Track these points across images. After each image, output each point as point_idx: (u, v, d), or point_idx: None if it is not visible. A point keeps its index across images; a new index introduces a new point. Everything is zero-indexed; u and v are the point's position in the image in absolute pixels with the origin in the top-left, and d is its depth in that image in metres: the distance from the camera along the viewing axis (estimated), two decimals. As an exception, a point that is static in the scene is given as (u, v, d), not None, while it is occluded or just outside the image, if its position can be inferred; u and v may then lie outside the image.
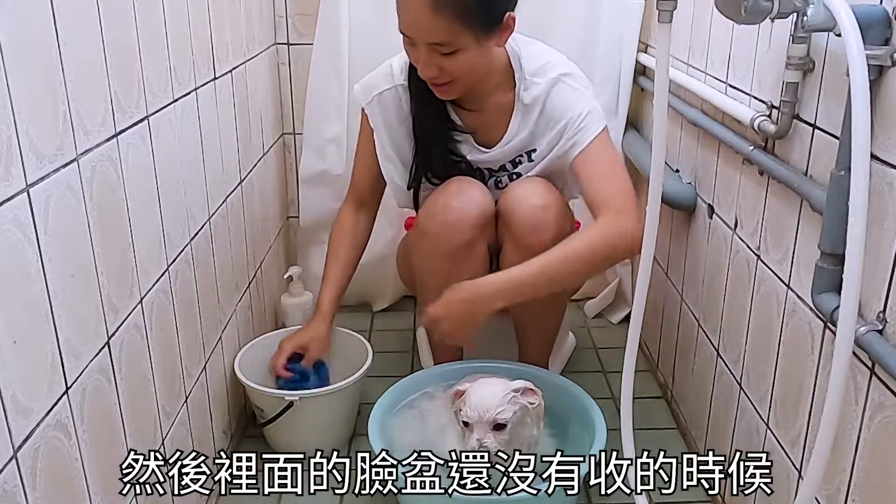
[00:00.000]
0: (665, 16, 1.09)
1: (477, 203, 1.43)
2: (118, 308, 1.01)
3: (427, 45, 1.30)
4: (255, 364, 1.59)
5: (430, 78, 1.36)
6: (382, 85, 1.50)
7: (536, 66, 1.45)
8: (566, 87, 1.43)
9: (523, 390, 1.29)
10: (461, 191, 1.44)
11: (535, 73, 1.44)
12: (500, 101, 1.47)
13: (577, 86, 1.44)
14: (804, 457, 1.10)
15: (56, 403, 0.85)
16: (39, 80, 0.82)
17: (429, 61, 1.32)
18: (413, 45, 1.33)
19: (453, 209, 1.42)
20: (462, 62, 1.33)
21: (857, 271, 0.83)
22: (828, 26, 0.93)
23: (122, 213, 1.02)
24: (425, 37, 1.30)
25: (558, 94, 1.43)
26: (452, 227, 1.41)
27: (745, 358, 1.31)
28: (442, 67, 1.33)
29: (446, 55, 1.31)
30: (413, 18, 1.29)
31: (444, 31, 1.28)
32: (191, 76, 1.30)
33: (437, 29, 1.27)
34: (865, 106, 0.81)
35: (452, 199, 1.43)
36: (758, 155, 1.23)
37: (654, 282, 1.32)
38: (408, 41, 1.34)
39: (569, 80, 1.44)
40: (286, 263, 2.14)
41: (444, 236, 1.42)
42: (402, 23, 1.32)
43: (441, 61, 1.32)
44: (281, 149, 2.09)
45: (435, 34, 1.28)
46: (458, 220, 1.41)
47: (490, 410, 1.25)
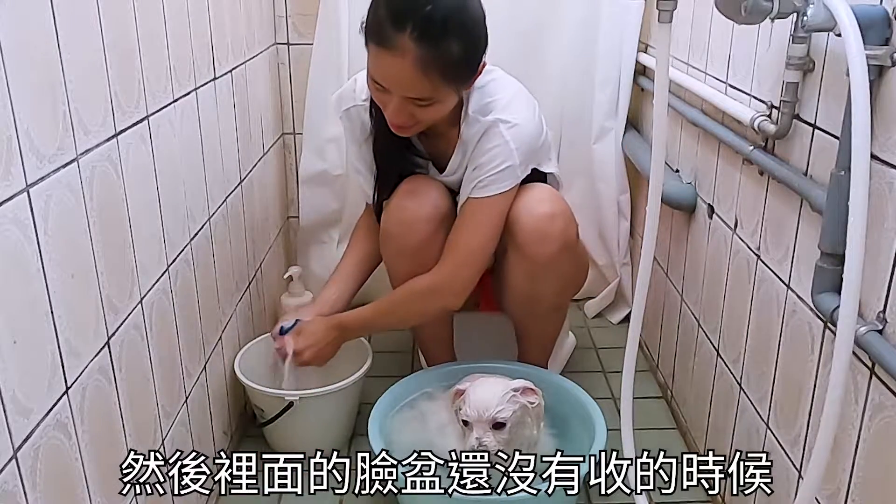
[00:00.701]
0: (665, 16, 1.09)
1: (431, 200, 1.44)
2: (118, 308, 1.01)
3: (403, 97, 1.26)
4: (255, 364, 1.59)
5: (397, 125, 1.32)
6: (349, 101, 1.48)
7: (482, 103, 1.39)
8: (497, 135, 1.37)
9: (523, 389, 1.29)
10: (415, 190, 1.45)
11: (478, 110, 1.39)
12: (449, 132, 1.44)
13: (508, 138, 1.36)
14: (804, 457, 1.10)
15: (56, 403, 0.85)
16: (39, 80, 0.82)
17: (400, 110, 1.28)
18: (384, 92, 1.28)
19: (407, 208, 1.43)
20: (436, 111, 1.30)
21: (857, 271, 0.83)
22: (828, 26, 0.93)
23: (122, 213, 1.02)
24: (405, 92, 1.25)
25: (488, 139, 1.38)
26: (408, 226, 1.43)
27: (745, 358, 1.31)
28: (413, 115, 1.29)
29: (421, 106, 1.28)
30: (395, 75, 1.24)
31: (429, 90, 1.24)
32: (191, 76, 1.30)
33: (420, 87, 1.24)
34: (865, 106, 0.81)
35: (406, 198, 1.44)
36: (758, 155, 1.23)
37: (654, 282, 1.33)
38: (377, 87, 1.28)
39: (503, 129, 1.37)
40: (286, 263, 2.14)
41: (402, 235, 1.43)
42: (376, 73, 1.26)
43: (415, 111, 1.28)
44: (281, 149, 2.09)
45: (416, 91, 1.25)
46: (414, 218, 1.42)
47: (489, 409, 1.25)
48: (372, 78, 1.28)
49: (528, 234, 1.40)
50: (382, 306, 1.50)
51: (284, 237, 2.14)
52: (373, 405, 1.42)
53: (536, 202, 1.41)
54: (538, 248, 1.39)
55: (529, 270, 1.42)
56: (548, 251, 1.39)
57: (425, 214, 1.43)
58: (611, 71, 1.98)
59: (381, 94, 1.29)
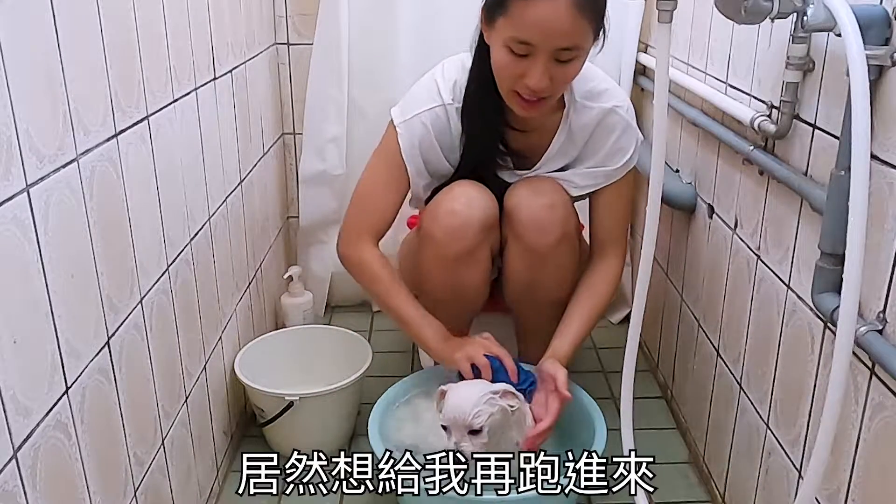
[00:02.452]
0: (665, 16, 1.09)
1: (481, 208, 1.40)
2: (118, 308, 1.01)
3: (551, 52, 1.23)
4: (255, 364, 1.59)
5: (539, 91, 1.27)
6: (430, 102, 1.41)
7: (586, 88, 1.39)
8: (620, 122, 1.40)
9: (502, 392, 1.27)
10: (466, 195, 1.41)
11: (587, 96, 1.39)
12: (547, 122, 1.42)
13: (629, 119, 1.41)
14: (804, 457, 1.10)
15: (56, 403, 0.85)
16: (39, 80, 0.82)
17: (546, 71, 1.24)
18: (525, 57, 1.24)
19: (458, 214, 1.39)
20: (574, 69, 1.28)
21: (857, 271, 0.83)
22: (828, 26, 0.93)
23: (122, 213, 1.02)
24: (560, 41, 1.22)
25: (611, 128, 1.40)
26: (457, 233, 1.39)
27: (745, 358, 1.31)
28: (553, 77, 1.26)
29: (563, 63, 1.25)
30: (551, 20, 1.20)
31: (582, 34, 1.23)
32: (191, 76, 1.30)
33: (576, 32, 1.22)
34: (865, 106, 0.81)
35: (457, 203, 1.40)
36: (758, 155, 1.23)
37: (654, 282, 1.32)
38: (522, 50, 1.24)
39: (622, 112, 1.40)
40: (286, 263, 2.14)
41: (448, 242, 1.40)
42: (526, 28, 1.22)
43: (555, 69, 1.25)
44: (281, 149, 2.09)
45: (573, 37, 1.22)
46: (463, 225, 1.39)
47: (464, 415, 1.22)
48: (515, 39, 1.23)
49: (528, 224, 1.40)
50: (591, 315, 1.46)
51: (284, 237, 2.14)
52: (373, 405, 1.42)
53: (536, 193, 1.41)
54: (538, 238, 1.39)
55: (529, 260, 1.42)
56: (547, 241, 1.39)
57: (475, 223, 1.39)
58: (611, 71, 1.97)
59: (518, 61, 1.25)
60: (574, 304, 1.46)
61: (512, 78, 1.28)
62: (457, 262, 1.41)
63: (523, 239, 1.41)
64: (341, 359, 1.64)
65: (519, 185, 1.44)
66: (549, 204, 1.40)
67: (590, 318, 1.45)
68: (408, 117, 1.41)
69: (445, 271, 1.42)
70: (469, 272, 1.43)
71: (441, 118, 1.41)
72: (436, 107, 1.41)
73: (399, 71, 1.93)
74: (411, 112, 1.41)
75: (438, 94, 1.41)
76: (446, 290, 1.43)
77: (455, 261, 1.41)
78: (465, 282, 1.44)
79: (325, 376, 1.60)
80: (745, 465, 1.31)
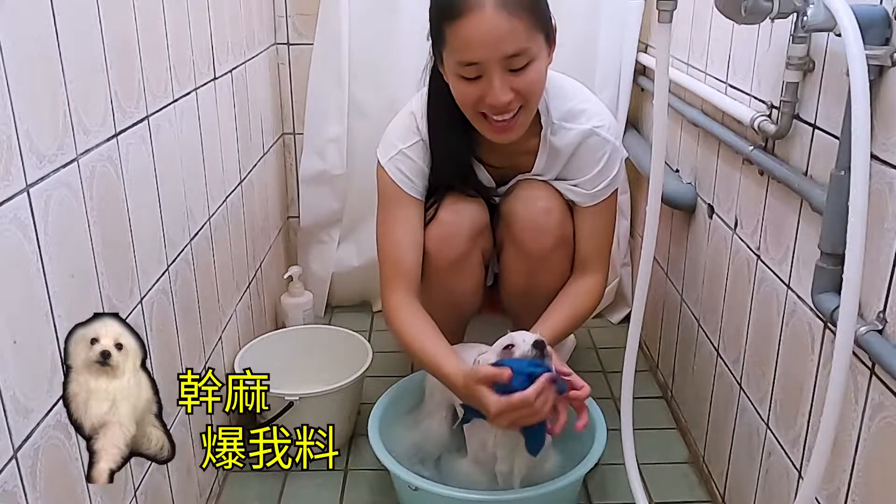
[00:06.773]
0: (665, 16, 1.09)
1: (470, 215, 1.42)
2: (118, 308, 1.01)
3: (500, 62, 1.20)
4: (255, 364, 1.58)
5: (503, 105, 1.24)
6: (407, 139, 1.40)
7: (565, 109, 1.38)
8: (601, 143, 1.37)
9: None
10: (453, 203, 1.42)
11: (565, 117, 1.37)
12: (525, 145, 1.40)
13: (611, 139, 1.38)
14: (804, 457, 1.10)
15: (56, 403, 0.84)
16: (39, 80, 0.82)
17: (502, 84, 1.22)
18: (477, 78, 1.23)
19: (446, 223, 1.41)
20: (535, 75, 1.24)
21: (857, 271, 0.83)
22: (828, 26, 0.93)
23: (122, 213, 1.02)
24: (502, 48, 1.19)
25: (592, 148, 1.38)
26: (446, 242, 1.41)
27: (745, 358, 1.31)
28: (514, 88, 1.23)
29: (518, 71, 1.23)
30: (487, 33, 1.19)
31: (522, 35, 1.20)
32: (191, 76, 1.30)
33: (514, 34, 1.19)
34: (865, 106, 0.81)
35: (444, 212, 1.41)
36: (758, 155, 1.23)
37: (654, 282, 1.33)
38: (471, 72, 1.23)
39: (604, 132, 1.37)
40: (286, 263, 2.14)
41: (439, 251, 1.41)
42: (465, 48, 1.21)
43: (513, 81, 1.23)
44: (281, 149, 2.09)
45: (513, 41, 1.19)
46: (452, 234, 1.40)
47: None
48: (460, 63, 1.23)
49: (525, 227, 1.40)
50: (571, 315, 1.41)
51: (284, 237, 2.14)
52: (373, 405, 1.42)
53: (533, 197, 1.42)
54: (534, 242, 1.40)
55: (526, 264, 1.43)
56: (544, 245, 1.39)
57: (464, 231, 1.41)
58: (611, 71, 1.97)
59: (474, 88, 1.24)
60: (554, 304, 1.42)
61: (473, 104, 1.27)
62: (449, 271, 1.42)
63: (520, 242, 1.41)
64: (341, 359, 1.64)
65: (515, 190, 1.45)
66: (545, 208, 1.40)
67: (569, 318, 1.40)
68: (392, 154, 1.40)
69: (438, 280, 1.43)
70: (461, 279, 1.44)
71: (425, 151, 1.41)
72: (416, 142, 1.40)
73: (399, 71, 1.93)
74: (394, 149, 1.40)
75: (417, 130, 1.40)
76: (440, 298, 1.43)
77: (447, 269, 1.42)
78: (458, 289, 1.45)
79: (325, 376, 1.59)
80: (745, 466, 1.31)
